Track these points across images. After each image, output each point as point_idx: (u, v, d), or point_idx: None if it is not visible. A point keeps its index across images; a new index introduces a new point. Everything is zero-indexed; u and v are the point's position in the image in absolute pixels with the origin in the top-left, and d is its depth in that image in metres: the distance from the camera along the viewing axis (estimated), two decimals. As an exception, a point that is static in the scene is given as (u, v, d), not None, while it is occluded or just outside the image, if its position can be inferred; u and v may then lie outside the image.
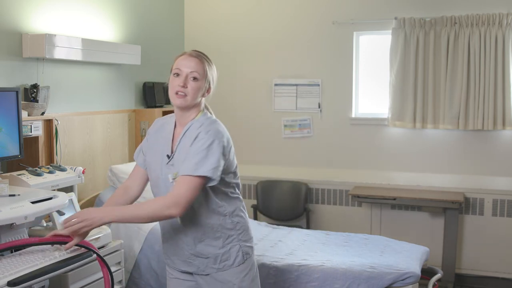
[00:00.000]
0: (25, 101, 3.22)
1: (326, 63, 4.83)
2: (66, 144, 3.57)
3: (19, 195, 2.51)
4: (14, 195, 2.49)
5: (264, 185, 4.93)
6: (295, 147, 4.95)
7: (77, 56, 3.54)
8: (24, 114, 3.06)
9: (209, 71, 2.17)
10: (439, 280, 3.44)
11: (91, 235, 2.82)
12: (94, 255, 2.31)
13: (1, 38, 3.14)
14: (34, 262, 2.13)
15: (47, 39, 3.23)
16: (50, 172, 3.04)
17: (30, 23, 3.31)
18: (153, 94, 4.54)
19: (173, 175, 2.11)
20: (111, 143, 4.11)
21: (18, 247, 2.25)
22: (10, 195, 2.49)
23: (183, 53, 2.19)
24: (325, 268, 3.08)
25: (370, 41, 4.83)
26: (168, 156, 2.18)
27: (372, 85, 4.84)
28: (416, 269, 3.09)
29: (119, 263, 3.01)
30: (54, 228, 2.78)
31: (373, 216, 4.71)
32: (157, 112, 4.38)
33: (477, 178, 4.45)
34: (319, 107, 4.85)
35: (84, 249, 2.29)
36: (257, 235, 3.63)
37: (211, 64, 2.20)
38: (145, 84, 4.53)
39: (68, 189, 3.13)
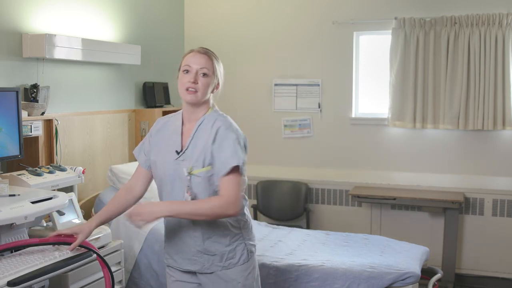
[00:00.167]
0: (25, 101, 3.22)
1: (326, 63, 4.83)
2: (66, 144, 3.57)
3: (19, 195, 2.51)
4: (14, 195, 2.49)
5: (264, 185, 4.93)
6: (295, 147, 4.95)
7: (77, 56, 3.54)
8: (24, 114, 3.06)
9: (218, 67, 2.21)
10: (439, 280, 3.44)
11: (91, 235, 2.82)
12: (94, 255, 2.31)
13: (1, 38, 3.14)
14: (34, 262, 2.13)
15: (47, 39, 3.23)
16: (50, 172, 3.05)
17: (30, 23, 3.32)
18: (153, 94, 4.54)
19: (188, 169, 2.12)
20: (111, 143, 4.11)
21: (22, 247, 2.25)
22: (10, 195, 2.49)
23: (190, 51, 2.23)
24: (325, 268, 3.08)
25: (370, 41, 4.83)
26: (178, 152, 2.19)
27: (372, 85, 4.84)
28: (416, 269, 3.09)
29: (119, 263, 3.01)
30: (54, 228, 2.79)
31: (373, 216, 4.71)
32: (157, 112, 4.38)
33: (477, 178, 4.45)
34: (319, 107, 4.85)
35: (84, 249, 2.29)
36: (257, 235, 3.62)
37: (219, 61, 2.24)
38: (145, 84, 4.53)
39: (68, 189, 3.13)
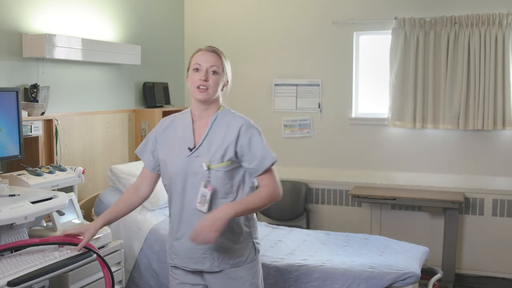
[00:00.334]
0: (25, 101, 3.22)
1: (326, 63, 4.83)
2: (66, 144, 3.57)
3: (19, 195, 2.51)
4: (14, 195, 2.49)
5: (264, 185, 4.92)
6: (295, 147, 4.95)
7: (77, 56, 3.54)
8: (24, 114, 3.06)
9: (226, 65, 2.25)
10: (439, 280, 3.44)
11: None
12: (94, 255, 2.31)
13: (1, 38, 3.14)
14: (34, 262, 2.13)
15: (47, 39, 3.23)
16: (50, 172, 3.05)
17: (30, 23, 3.32)
18: (153, 94, 4.54)
19: (207, 164, 2.15)
20: (111, 143, 4.11)
21: (22, 247, 2.26)
22: (10, 195, 2.49)
23: (199, 50, 2.25)
24: (325, 268, 3.08)
25: (370, 41, 4.83)
26: (190, 148, 2.20)
27: (372, 85, 4.84)
28: (416, 269, 3.09)
29: (119, 263, 3.01)
30: (54, 228, 2.79)
31: (373, 216, 4.71)
32: (157, 112, 4.38)
33: (477, 178, 4.45)
34: (319, 107, 4.85)
35: (84, 249, 2.29)
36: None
37: (227, 59, 2.27)
38: (145, 84, 4.53)
39: (68, 189, 3.13)
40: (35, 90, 3.23)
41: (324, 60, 4.83)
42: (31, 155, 3.23)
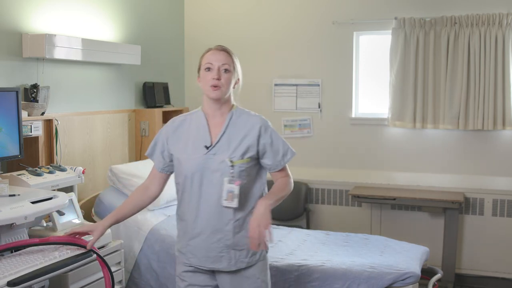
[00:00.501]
0: (25, 101, 3.22)
1: (326, 63, 4.83)
2: (66, 144, 3.57)
3: (19, 195, 2.51)
4: (14, 195, 2.50)
5: (264, 185, 4.92)
6: (295, 147, 4.87)
7: (77, 56, 3.54)
8: (24, 114, 3.06)
9: (236, 63, 2.32)
10: (439, 280, 3.44)
11: (90, 235, 2.82)
12: (94, 255, 2.31)
13: (1, 38, 3.14)
14: (34, 262, 2.13)
15: (47, 39, 3.23)
16: (50, 172, 3.05)
17: (30, 23, 3.32)
18: (153, 94, 4.54)
19: (229, 160, 2.20)
20: (111, 143, 4.11)
21: (22, 247, 2.26)
22: (10, 195, 2.49)
23: (208, 49, 2.29)
24: (325, 268, 3.08)
25: (370, 41, 4.83)
26: (207, 146, 2.24)
27: (372, 85, 4.83)
28: (416, 269, 3.09)
29: (119, 263, 3.01)
30: (54, 228, 2.79)
31: (373, 216, 4.71)
32: (157, 112, 4.38)
33: (477, 178, 4.45)
34: (319, 107, 4.85)
35: (84, 249, 2.29)
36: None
37: (236, 57, 2.33)
38: (145, 84, 4.53)
39: (68, 189, 3.13)
40: (35, 90, 3.23)
41: (324, 60, 4.83)
42: (31, 155, 3.23)
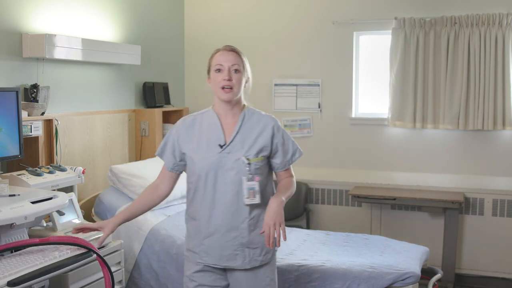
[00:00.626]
0: (25, 101, 3.22)
1: (326, 63, 4.83)
2: (66, 144, 3.57)
3: (19, 195, 2.51)
4: (14, 195, 2.50)
5: (264, 185, 4.92)
6: (295, 147, 4.93)
7: (77, 56, 3.54)
8: (24, 114, 3.06)
9: (246, 62, 2.33)
10: (439, 280, 3.44)
11: (91, 235, 2.82)
12: (94, 255, 2.31)
13: (1, 38, 3.14)
14: (34, 262, 2.13)
15: (47, 39, 3.23)
16: (50, 172, 3.05)
17: (30, 23, 3.32)
18: (153, 94, 4.54)
19: (245, 158, 2.24)
20: (111, 143, 4.11)
21: (22, 247, 2.26)
22: (10, 195, 2.49)
23: (217, 50, 2.31)
24: (325, 268, 3.08)
25: (370, 41, 4.83)
26: (221, 145, 2.26)
27: (372, 85, 4.83)
28: (416, 269, 3.09)
29: (119, 263, 3.01)
30: (54, 228, 2.79)
31: (373, 216, 4.71)
32: (157, 112, 4.38)
33: (477, 178, 4.45)
34: (319, 107, 4.85)
35: (84, 249, 2.29)
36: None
37: (245, 56, 2.34)
38: (145, 84, 4.53)
39: (68, 189, 3.13)
40: (35, 90, 3.23)
41: (324, 60, 4.83)
42: (31, 155, 3.23)
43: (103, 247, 2.88)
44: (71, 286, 2.62)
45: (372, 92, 4.83)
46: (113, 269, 2.78)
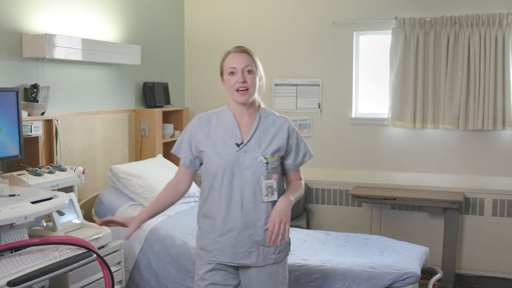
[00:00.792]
0: (25, 101, 3.22)
1: (326, 63, 4.83)
2: (66, 144, 3.57)
3: (19, 195, 2.51)
4: (14, 195, 2.50)
5: (264, 185, 4.91)
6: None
7: (77, 56, 3.54)
8: (24, 114, 3.06)
9: (258, 61, 2.34)
10: (439, 280, 3.44)
11: (91, 235, 2.82)
12: (94, 255, 2.31)
13: (1, 38, 3.14)
14: (34, 262, 2.13)
15: (47, 39, 3.23)
16: (50, 172, 3.05)
17: (30, 23, 3.32)
18: (153, 94, 4.54)
19: (264, 157, 2.28)
20: (111, 143, 4.11)
21: (22, 247, 2.26)
22: (10, 195, 2.49)
23: (228, 53, 2.33)
24: (325, 268, 3.09)
25: (370, 41, 4.83)
26: (238, 144, 2.30)
27: (372, 85, 4.83)
28: (416, 269, 3.09)
29: (119, 263, 3.01)
30: (54, 228, 2.79)
31: (373, 216, 4.71)
32: (157, 112, 4.38)
33: (477, 178, 4.45)
34: (319, 107, 4.85)
35: (84, 249, 2.29)
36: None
37: (256, 55, 2.36)
38: (145, 84, 4.53)
39: (68, 189, 3.13)
40: (35, 90, 3.23)
41: (324, 60, 4.83)
42: (31, 155, 3.23)
43: (103, 247, 2.88)
44: (71, 286, 2.62)
45: (372, 92, 4.83)
46: (113, 269, 2.78)
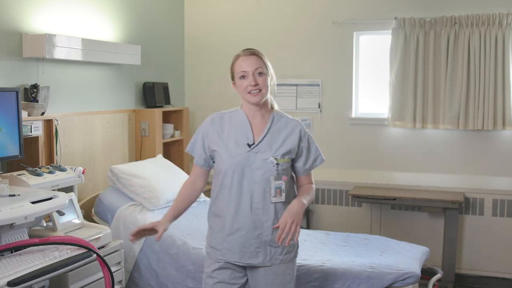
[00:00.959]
0: (25, 101, 3.22)
1: (326, 63, 4.83)
2: (66, 144, 3.57)
3: (19, 195, 2.51)
4: (14, 195, 2.50)
5: (264, 185, 4.91)
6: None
7: (77, 56, 3.54)
8: (24, 114, 3.06)
9: (268, 62, 2.37)
10: (439, 280, 3.44)
11: (91, 235, 2.82)
12: (94, 255, 2.31)
13: (1, 38, 3.14)
14: (34, 262, 2.13)
15: (47, 39, 3.23)
16: (50, 172, 3.05)
17: (30, 23, 3.32)
18: (153, 94, 4.54)
19: (273, 158, 2.30)
20: (111, 143, 4.11)
21: (22, 247, 2.26)
22: (10, 195, 2.49)
23: (237, 56, 2.35)
24: (325, 268, 3.08)
25: (370, 41, 4.83)
26: (249, 144, 2.31)
27: (372, 85, 4.83)
28: (416, 269, 3.09)
29: (119, 263, 3.01)
30: (54, 228, 2.79)
31: (373, 216, 4.71)
32: (157, 112, 4.38)
33: (477, 178, 4.45)
34: (319, 107, 4.85)
35: (84, 249, 2.29)
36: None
37: (265, 56, 2.38)
38: (145, 84, 4.53)
39: (68, 189, 3.14)
40: (35, 90, 3.23)
41: (324, 60, 4.83)
42: (31, 155, 3.23)
43: (103, 247, 2.88)
44: (71, 286, 2.62)
45: (372, 92, 4.83)
46: (113, 269, 2.79)
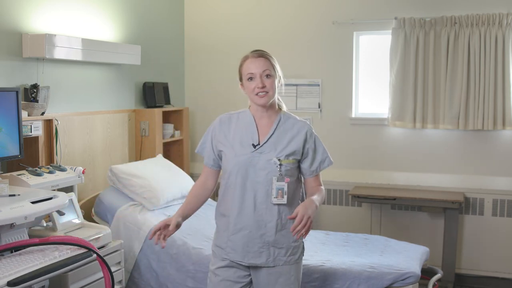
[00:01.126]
0: (25, 101, 3.22)
1: (326, 63, 4.82)
2: (66, 144, 3.57)
3: (19, 195, 2.51)
4: (14, 195, 2.50)
5: (264, 185, 4.91)
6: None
7: (77, 56, 3.54)
8: (24, 114, 3.06)
9: (276, 64, 2.37)
10: (439, 280, 3.45)
11: (91, 235, 2.82)
12: (94, 255, 2.31)
13: (1, 38, 3.14)
14: (34, 262, 2.13)
15: (47, 39, 3.23)
16: (50, 172, 3.05)
17: (30, 23, 3.32)
18: (153, 94, 4.54)
19: (277, 159, 2.29)
20: (111, 143, 4.11)
21: (22, 247, 2.25)
22: (10, 195, 2.49)
23: (246, 58, 2.36)
24: (325, 268, 3.09)
25: (370, 41, 4.83)
26: (254, 145, 2.32)
27: (372, 85, 4.83)
28: (416, 269, 3.09)
29: (119, 263, 3.01)
30: (54, 228, 2.79)
31: (373, 216, 4.71)
32: (157, 112, 4.38)
33: (477, 178, 4.45)
34: (319, 107, 4.85)
35: (84, 249, 2.29)
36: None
37: (273, 57, 2.39)
38: (145, 84, 4.53)
39: (68, 189, 3.14)
40: (35, 90, 3.23)
41: (324, 60, 4.83)
42: (31, 155, 3.23)
43: (103, 247, 2.88)
44: (71, 286, 2.62)
45: (372, 92, 4.83)
46: (113, 269, 2.78)
